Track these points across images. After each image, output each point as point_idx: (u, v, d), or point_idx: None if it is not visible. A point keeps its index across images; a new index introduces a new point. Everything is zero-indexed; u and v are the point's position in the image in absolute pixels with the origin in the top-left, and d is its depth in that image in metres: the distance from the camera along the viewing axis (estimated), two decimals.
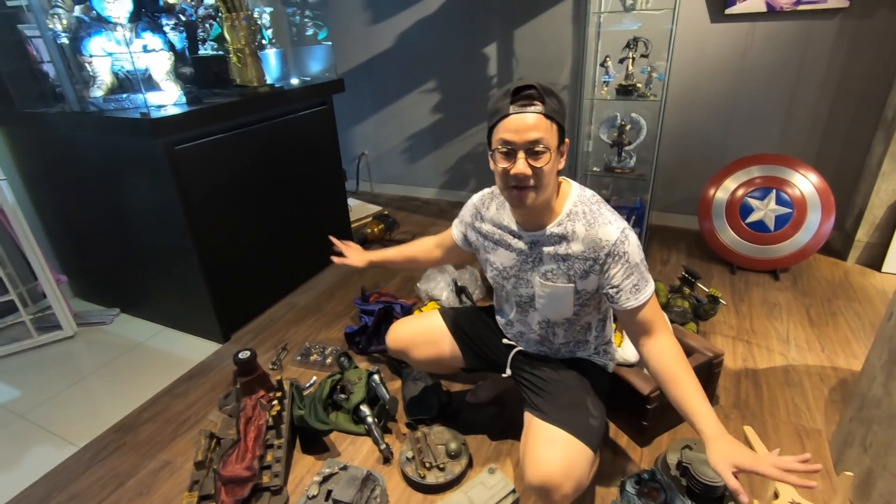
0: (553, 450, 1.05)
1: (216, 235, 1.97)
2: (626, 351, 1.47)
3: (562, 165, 1.07)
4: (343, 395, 1.64)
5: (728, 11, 2.40)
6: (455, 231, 1.38)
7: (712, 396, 1.61)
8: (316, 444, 1.55)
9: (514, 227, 1.18)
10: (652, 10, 2.28)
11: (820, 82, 2.39)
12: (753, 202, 2.36)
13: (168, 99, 1.84)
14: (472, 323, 1.41)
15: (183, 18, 1.92)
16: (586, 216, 1.09)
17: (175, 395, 1.81)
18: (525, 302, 1.24)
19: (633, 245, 1.06)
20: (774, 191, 2.32)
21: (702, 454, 1.31)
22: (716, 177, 2.49)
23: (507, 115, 0.99)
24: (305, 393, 1.72)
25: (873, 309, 2.10)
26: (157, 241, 1.97)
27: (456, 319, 1.41)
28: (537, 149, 0.99)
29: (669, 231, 2.88)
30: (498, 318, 1.40)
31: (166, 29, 1.84)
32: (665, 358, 1.06)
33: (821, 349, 1.87)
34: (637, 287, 1.07)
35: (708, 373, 1.53)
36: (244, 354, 1.70)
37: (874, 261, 2.41)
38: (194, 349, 2.06)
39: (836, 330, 1.97)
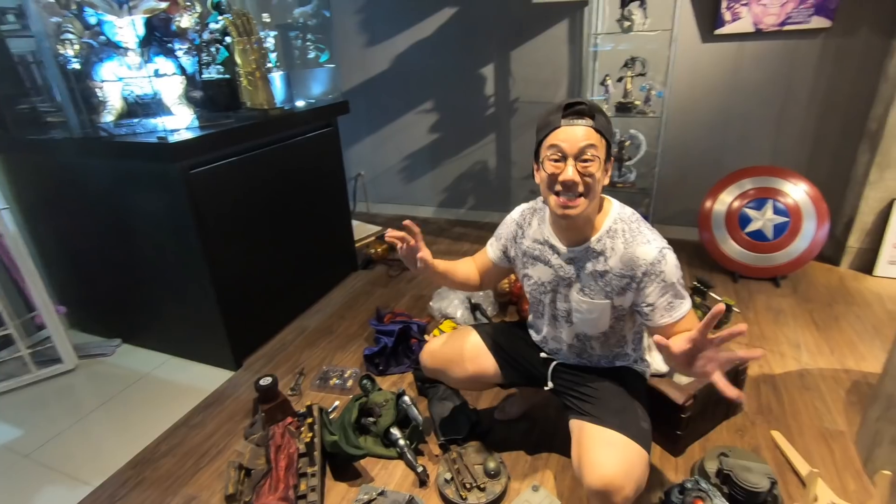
0: (611, 452, 1.05)
1: (229, 259, 1.93)
2: (656, 360, 1.49)
3: (606, 181, 1.10)
4: (371, 419, 1.61)
5: (717, 32, 2.52)
6: (491, 252, 1.38)
7: (737, 403, 1.64)
8: (347, 470, 1.51)
9: (554, 241, 1.19)
10: (648, 32, 2.38)
11: (807, 97, 2.52)
12: (751, 212, 2.45)
13: (181, 123, 1.82)
14: (509, 338, 1.41)
15: (198, 42, 1.91)
16: (625, 234, 1.11)
17: (191, 426, 1.74)
18: (561, 316, 1.25)
19: (670, 265, 1.07)
20: (771, 201, 2.41)
21: (741, 461, 1.33)
22: (713, 189, 2.57)
23: (559, 126, 1.03)
24: (331, 417, 1.68)
25: (872, 312, 2.18)
26: (167, 267, 1.92)
27: (493, 335, 1.41)
28: (586, 156, 1.02)
29: (670, 242, 2.94)
30: (532, 334, 1.40)
31: (179, 53, 1.83)
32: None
33: (830, 352, 1.93)
34: (671, 305, 1.08)
35: (735, 379, 1.56)
36: (266, 381, 1.67)
37: (866, 265, 2.52)
38: (206, 378, 1.99)
39: (841, 333, 2.04)
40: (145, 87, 1.79)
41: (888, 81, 2.30)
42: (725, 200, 2.51)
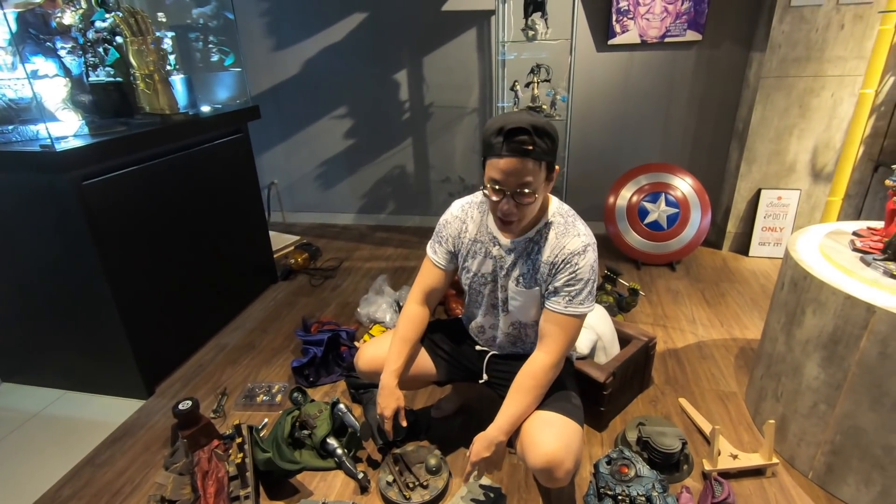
0: (550, 431, 1.12)
1: (134, 277, 1.77)
2: (580, 343, 1.60)
3: (549, 189, 1.14)
4: (305, 432, 1.56)
5: (610, 42, 2.76)
6: (438, 259, 1.33)
7: (648, 377, 1.80)
8: (283, 487, 1.44)
9: (496, 233, 1.23)
10: (550, 41, 2.55)
11: (686, 101, 2.84)
12: (648, 205, 2.71)
13: (67, 129, 1.64)
14: (443, 335, 1.43)
15: (81, 41, 1.73)
16: (559, 227, 1.17)
17: (98, 464, 1.57)
18: (499, 305, 1.30)
19: (587, 261, 1.14)
20: (663, 194, 2.69)
21: (657, 427, 1.47)
22: (614, 186, 2.81)
23: (500, 156, 1.03)
24: (261, 435, 1.60)
25: (749, 287, 2.51)
26: (59, 292, 1.71)
27: (427, 334, 1.42)
28: (523, 191, 1.05)
29: None
30: (468, 325, 1.44)
31: (61, 53, 1.65)
32: (529, 369, 1.18)
33: (720, 325, 2.18)
34: (571, 299, 1.15)
35: (645, 355, 1.72)
36: (185, 405, 1.55)
37: (742, 247, 2.89)
38: (112, 410, 1.81)
39: (728, 307, 2.32)
40: (21, 90, 1.59)
41: (749, 88, 2.66)
42: (625, 196, 2.76)
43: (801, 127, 2.57)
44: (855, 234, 1.51)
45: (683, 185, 2.70)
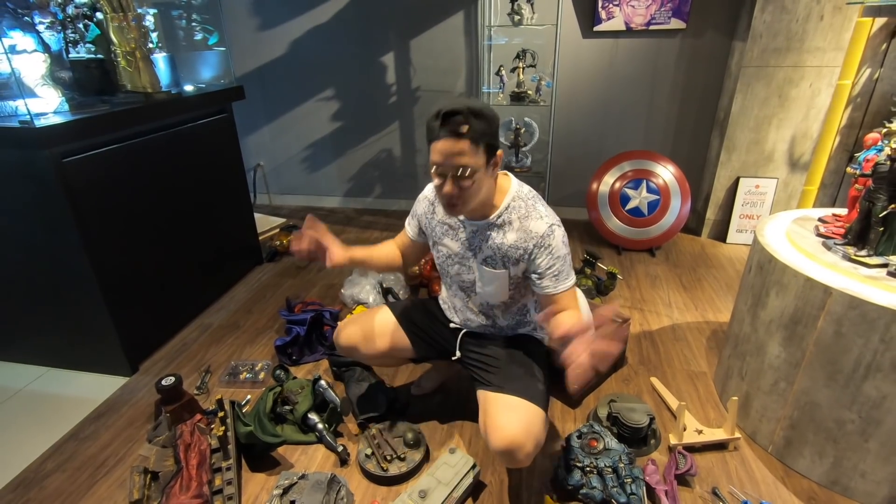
0: (512, 415, 1.16)
1: (116, 256, 1.78)
2: None
3: (495, 175, 1.19)
4: (287, 407, 1.60)
5: (596, 29, 2.77)
6: (409, 230, 1.44)
7: (622, 357, 1.86)
8: (264, 460, 1.48)
9: (460, 217, 1.27)
10: (536, 26, 2.55)
11: (669, 89, 2.87)
12: (630, 192, 2.75)
13: (47, 106, 1.63)
14: (420, 313, 1.48)
15: (61, 17, 1.71)
16: (520, 210, 1.21)
17: (82, 438, 1.60)
18: (468, 287, 1.35)
19: (557, 239, 1.19)
20: (645, 181, 2.73)
21: (627, 404, 1.53)
22: (597, 172, 2.85)
23: (438, 138, 1.07)
24: (244, 410, 1.63)
25: (725, 272, 2.58)
26: (40, 270, 1.72)
27: (404, 311, 1.47)
28: (460, 173, 1.08)
29: (563, 223, 3.19)
30: (443, 305, 1.48)
31: (40, 28, 1.63)
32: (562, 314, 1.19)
33: (695, 308, 2.25)
34: (557, 277, 1.20)
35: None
36: (168, 380, 1.57)
37: (720, 234, 2.95)
38: (96, 386, 1.83)
39: (703, 292, 2.39)
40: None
41: (731, 77, 2.70)
42: (608, 182, 2.80)
43: (780, 117, 2.62)
44: (820, 219, 1.56)
45: (665, 172, 2.75)
